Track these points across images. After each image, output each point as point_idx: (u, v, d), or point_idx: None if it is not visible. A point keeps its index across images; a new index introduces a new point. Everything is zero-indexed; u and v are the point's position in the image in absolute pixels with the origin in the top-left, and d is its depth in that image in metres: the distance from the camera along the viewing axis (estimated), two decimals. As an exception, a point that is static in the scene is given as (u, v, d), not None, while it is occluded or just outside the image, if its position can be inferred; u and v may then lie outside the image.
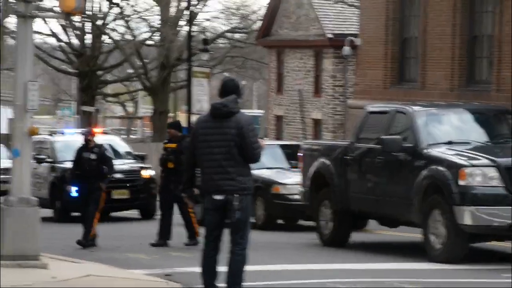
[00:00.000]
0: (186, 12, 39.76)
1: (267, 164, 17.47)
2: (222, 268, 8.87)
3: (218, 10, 42.82)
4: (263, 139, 9.44)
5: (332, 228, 14.36)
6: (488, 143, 13.15)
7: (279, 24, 36.27)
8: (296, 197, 16.69)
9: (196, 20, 40.15)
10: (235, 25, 42.63)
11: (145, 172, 20.66)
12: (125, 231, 17.97)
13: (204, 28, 40.88)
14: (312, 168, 14.74)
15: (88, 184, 14.83)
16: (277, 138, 33.97)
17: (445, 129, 13.38)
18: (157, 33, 40.63)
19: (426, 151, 12.87)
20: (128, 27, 40.95)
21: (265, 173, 17.57)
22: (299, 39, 35.06)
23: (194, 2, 40.02)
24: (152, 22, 40.80)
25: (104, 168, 14.86)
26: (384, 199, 13.43)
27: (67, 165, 18.33)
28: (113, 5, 40.63)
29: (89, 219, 14.77)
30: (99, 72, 41.95)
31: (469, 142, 13.09)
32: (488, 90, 21.07)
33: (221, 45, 43.52)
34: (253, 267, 9.93)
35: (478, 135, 13.35)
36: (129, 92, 49.29)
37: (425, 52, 22.88)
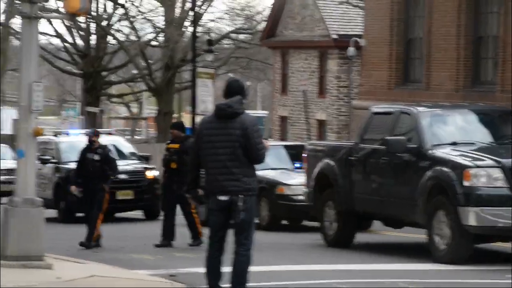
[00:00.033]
0: (191, 13, 39.78)
1: (272, 165, 17.47)
2: (227, 269, 8.87)
3: (223, 11, 42.88)
4: (267, 140, 9.42)
5: (337, 229, 14.35)
6: (493, 144, 13.14)
7: (284, 25, 36.27)
8: (301, 198, 16.69)
9: (201, 21, 40.20)
10: (240, 26, 42.64)
11: (150, 173, 20.68)
12: (129, 232, 17.98)
13: (209, 29, 40.90)
14: (317, 169, 14.74)
15: (92, 185, 14.84)
16: (282, 139, 33.97)
17: (450, 130, 13.37)
18: (162, 34, 40.67)
19: (431, 152, 12.86)
20: (133, 28, 41.00)
21: (270, 174, 17.58)
22: (304, 40, 35.06)
23: (199, 3, 40.05)
24: (157, 23, 40.86)
25: (107, 169, 14.86)
26: (389, 200, 13.42)
27: (72, 166, 18.34)
28: (118, 6, 40.68)
29: (92, 221, 14.78)
30: (104, 73, 42.00)
31: (474, 143, 13.07)
32: (493, 91, 21.05)
33: (226, 46, 43.53)
34: (258, 268, 9.92)
35: (483, 136, 13.33)
36: (134, 93, 49.33)
37: (430, 53, 22.86)
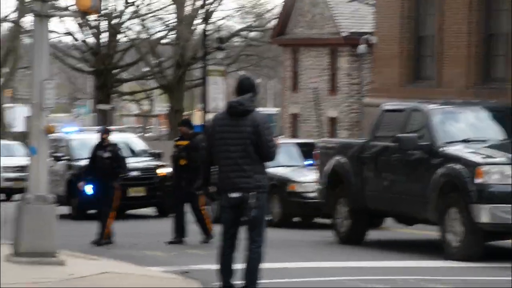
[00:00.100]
0: (202, 11, 39.84)
1: (283, 162, 17.47)
2: (239, 266, 8.89)
3: (233, 9, 42.94)
4: (277, 138, 9.43)
5: (349, 226, 14.35)
6: (505, 141, 13.10)
7: (294, 23, 36.25)
8: (312, 195, 16.69)
9: (211, 19, 40.24)
10: (250, 24, 42.64)
11: (161, 170, 20.71)
12: (142, 229, 18.02)
13: (219, 27, 40.91)
14: (328, 166, 14.74)
15: (102, 183, 14.87)
16: (293, 136, 33.96)
17: (461, 127, 13.34)
18: (173, 32, 40.72)
19: (443, 149, 12.84)
20: (144, 26, 41.07)
21: (281, 171, 17.58)
22: (314, 38, 35.03)
23: (210, 1, 40.08)
24: (168, 21, 40.92)
25: (117, 167, 14.87)
26: (400, 197, 13.41)
27: (84, 163, 18.38)
28: (129, 4, 40.75)
29: (104, 218, 14.82)
30: (115, 71, 42.08)
31: (486, 140, 13.04)
32: (504, 88, 20.99)
33: (236, 44, 43.55)
34: (270, 265, 9.93)
35: (495, 133, 13.30)
36: (145, 91, 49.43)
37: (442, 50, 22.82)
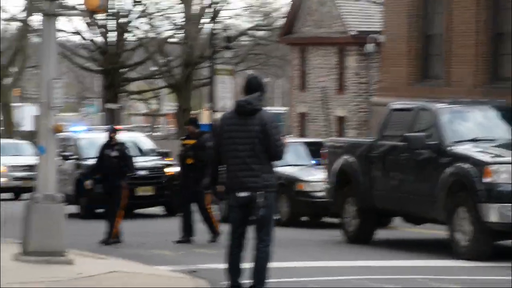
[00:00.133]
0: (209, 10, 39.85)
1: (291, 162, 17.47)
2: (247, 265, 8.89)
3: (241, 8, 42.95)
4: (285, 137, 9.44)
5: (357, 225, 14.34)
6: (513, 140, 13.06)
7: (302, 22, 36.23)
8: (320, 194, 16.68)
9: (219, 18, 40.23)
10: (258, 23, 42.63)
11: (169, 169, 20.72)
12: (150, 228, 18.04)
13: (227, 26, 40.91)
14: (336, 166, 14.73)
15: (110, 181, 14.88)
16: (301, 136, 33.95)
17: (470, 126, 13.32)
18: (180, 31, 40.73)
19: (451, 149, 12.81)
20: (152, 25, 41.09)
21: (289, 170, 17.58)
22: (322, 37, 35.00)
23: (217, 0, 40.07)
24: (175, 20, 40.93)
25: (124, 166, 14.87)
26: (409, 197, 13.39)
27: (92, 162, 18.41)
28: (137, 3, 40.78)
29: (111, 218, 14.82)
30: (123, 70, 42.12)
31: (494, 139, 13.01)
32: (513, 87, 20.93)
33: (244, 43, 43.55)
34: (278, 264, 9.93)
35: (503, 132, 13.26)
36: (153, 90, 49.47)
37: (450, 49, 22.77)
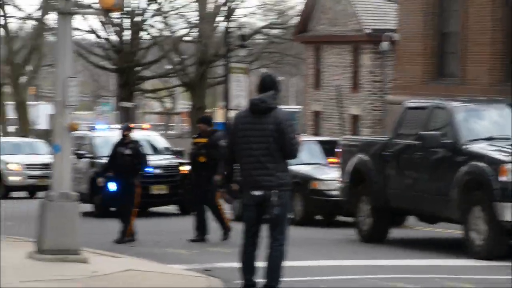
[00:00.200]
0: (224, 8, 39.85)
1: (305, 160, 17.44)
2: (261, 264, 8.88)
3: (256, 6, 42.89)
4: (300, 135, 9.44)
5: (371, 224, 14.31)
6: (529, 139, 12.99)
7: (317, 20, 36.17)
8: (334, 193, 16.65)
9: (234, 16, 40.22)
10: (272, 21, 42.59)
11: (184, 168, 20.73)
12: (164, 226, 18.06)
13: (242, 24, 40.89)
14: (351, 164, 14.70)
15: (122, 180, 14.88)
16: (315, 134, 33.90)
17: (485, 125, 13.25)
18: (195, 29, 40.76)
19: (466, 147, 12.76)
20: (166, 23, 41.14)
21: (303, 169, 17.55)
22: (337, 35, 34.93)
23: (232, -2, 40.04)
24: (190, 18, 40.96)
25: (137, 164, 14.86)
26: (423, 195, 13.34)
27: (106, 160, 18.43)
28: (152, 2, 40.84)
29: (126, 216, 14.82)
30: (138, 68, 42.18)
31: (510, 138, 12.93)
32: (529, 85, 20.83)
33: (258, 41, 43.52)
34: (292, 263, 9.92)
35: (519, 131, 13.19)
36: (167, 88, 49.55)
37: (465, 47, 22.68)
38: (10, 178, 28.04)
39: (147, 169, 17.07)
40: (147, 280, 10.07)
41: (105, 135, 20.96)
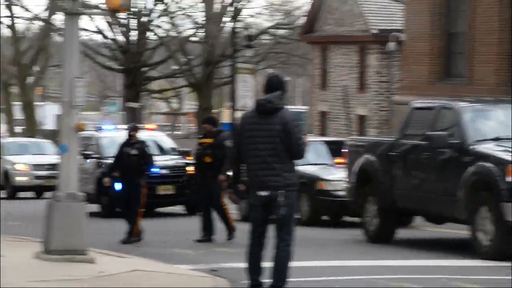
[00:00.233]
0: (230, 9, 39.86)
1: (312, 160, 17.44)
2: (268, 264, 8.88)
3: (262, 6, 42.89)
4: (306, 135, 9.43)
5: (377, 225, 14.30)
6: (537, 139, 12.96)
7: (323, 20, 36.16)
8: (341, 193, 16.64)
9: (240, 16, 40.22)
10: (279, 21, 42.59)
11: (190, 168, 20.74)
12: (171, 227, 18.07)
13: (248, 24, 40.89)
14: (357, 165, 14.69)
15: (128, 180, 14.88)
16: (322, 134, 33.89)
17: (492, 125, 13.23)
18: (202, 30, 40.78)
19: (473, 147, 12.74)
20: (173, 24, 41.17)
21: (310, 169, 17.55)
22: (343, 35, 34.92)
23: (238, -1, 40.04)
24: (197, 19, 40.97)
25: (143, 164, 14.86)
26: (430, 196, 13.33)
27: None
28: (158, 2, 40.88)
29: (132, 217, 14.82)
30: (144, 69, 42.22)
31: (517, 138, 12.91)
32: (536, 86, 20.79)
33: (265, 41, 43.52)
34: (298, 263, 9.92)
35: (526, 131, 13.16)
36: (174, 89, 49.58)
37: (473, 47, 22.64)
38: (17, 179, 28.10)
39: (154, 170, 17.12)
40: (154, 280, 10.07)
41: (112, 136, 20.98)
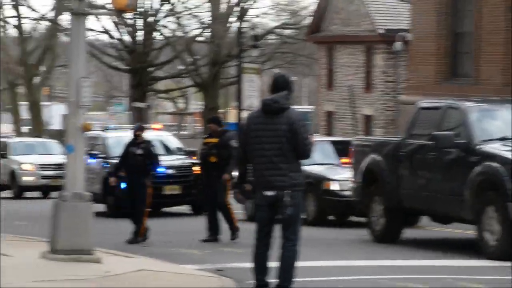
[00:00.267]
0: (237, 9, 39.86)
1: (318, 160, 17.43)
2: (274, 264, 8.88)
3: (268, 6, 42.86)
4: (313, 135, 9.42)
5: (384, 224, 14.28)
6: (543, 139, 12.93)
7: (329, 20, 36.14)
8: (347, 193, 16.64)
9: (246, 16, 40.23)
10: (285, 21, 42.58)
11: (197, 168, 20.74)
12: (177, 227, 18.08)
13: (254, 24, 40.89)
14: (363, 164, 14.68)
15: (134, 180, 14.89)
16: (328, 134, 33.88)
17: (499, 125, 13.20)
18: (208, 30, 40.79)
19: (480, 147, 12.72)
20: (179, 24, 41.19)
21: (316, 169, 17.54)
22: (350, 35, 34.90)
23: (244, -2, 40.04)
24: (203, 19, 40.99)
25: (149, 164, 14.86)
26: (436, 196, 13.31)
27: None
28: (164, 2, 40.90)
29: (138, 217, 14.83)
30: (150, 69, 42.25)
31: (523, 138, 12.89)
32: (543, 85, 20.74)
33: (271, 41, 43.51)
34: (305, 263, 9.92)
35: (533, 131, 13.13)
36: (180, 89, 49.60)
37: (479, 47, 22.61)
38: (24, 178, 28.16)
39: (160, 169, 17.12)
40: (160, 280, 10.08)
41: (119, 135, 21.00)
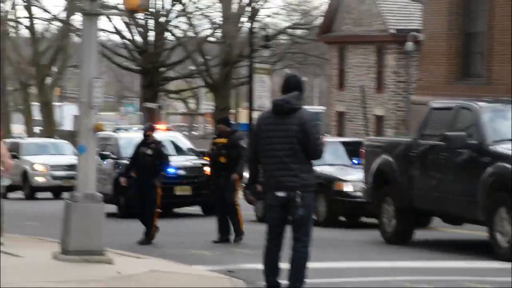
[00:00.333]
0: (248, 9, 39.87)
1: (329, 161, 17.40)
2: (285, 265, 8.87)
3: (279, 6, 42.84)
4: (324, 136, 9.39)
5: (395, 226, 14.24)
6: (556, 140, 12.86)
7: (341, 20, 36.09)
8: (358, 194, 16.59)
9: (258, 17, 40.22)
10: (296, 21, 42.56)
11: (208, 169, 20.73)
12: (188, 228, 18.08)
13: (266, 25, 40.88)
14: (375, 165, 14.64)
15: (144, 180, 14.88)
16: (339, 135, 33.83)
17: (511, 125, 13.14)
18: (219, 30, 40.81)
19: (492, 148, 12.67)
20: (191, 24, 41.22)
21: (327, 170, 17.51)
22: (361, 35, 34.84)
23: (256, -1, 40.04)
24: (214, 19, 41.02)
25: (159, 165, 14.85)
26: (448, 197, 13.26)
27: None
28: (176, 2, 40.95)
29: (149, 218, 14.81)
30: (162, 69, 42.30)
31: (536, 139, 12.82)
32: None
33: (282, 42, 43.49)
34: (316, 264, 9.89)
35: (545, 132, 13.07)
36: (191, 89, 49.63)
37: (491, 47, 22.53)
38: (36, 179, 28.23)
39: (171, 170, 17.10)
40: (171, 281, 10.08)
41: (130, 136, 21.00)
